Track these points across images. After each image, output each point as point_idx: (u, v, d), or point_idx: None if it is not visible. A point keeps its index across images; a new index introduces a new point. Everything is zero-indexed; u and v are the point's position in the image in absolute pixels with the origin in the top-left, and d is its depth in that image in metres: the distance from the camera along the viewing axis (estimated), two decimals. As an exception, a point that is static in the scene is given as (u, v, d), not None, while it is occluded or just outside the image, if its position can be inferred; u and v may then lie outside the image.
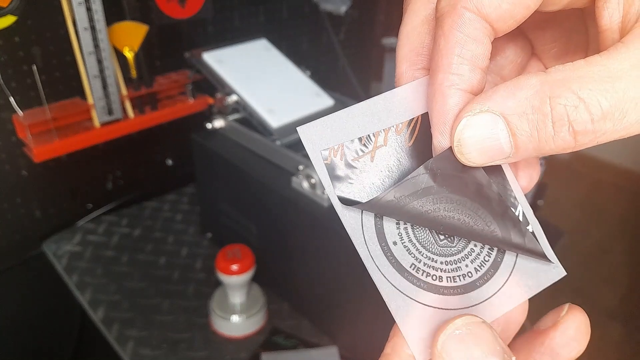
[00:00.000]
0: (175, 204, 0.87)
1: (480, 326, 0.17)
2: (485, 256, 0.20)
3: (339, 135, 0.19)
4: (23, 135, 0.68)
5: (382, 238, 0.19)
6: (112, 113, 0.71)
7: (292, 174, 0.57)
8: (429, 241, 0.19)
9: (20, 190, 0.74)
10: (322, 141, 0.19)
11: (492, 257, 0.20)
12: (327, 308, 0.61)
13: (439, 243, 0.19)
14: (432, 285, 0.19)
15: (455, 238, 0.19)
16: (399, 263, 0.19)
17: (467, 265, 0.19)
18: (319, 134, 0.19)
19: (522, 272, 0.20)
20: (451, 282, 0.19)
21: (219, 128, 0.68)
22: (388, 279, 0.19)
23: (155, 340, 0.61)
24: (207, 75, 0.71)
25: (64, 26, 0.66)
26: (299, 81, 0.75)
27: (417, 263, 0.19)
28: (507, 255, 0.20)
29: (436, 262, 0.19)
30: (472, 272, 0.19)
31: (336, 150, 0.19)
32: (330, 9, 1.00)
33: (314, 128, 0.19)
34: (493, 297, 0.19)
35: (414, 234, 0.19)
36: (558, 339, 0.18)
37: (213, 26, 0.87)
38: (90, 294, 0.67)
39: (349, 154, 0.19)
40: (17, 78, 0.67)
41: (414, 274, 0.19)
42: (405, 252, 0.19)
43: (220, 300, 0.63)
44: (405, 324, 0.19)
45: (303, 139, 0.19)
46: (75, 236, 0.77)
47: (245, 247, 0.61)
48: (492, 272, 0.20)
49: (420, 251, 0.19)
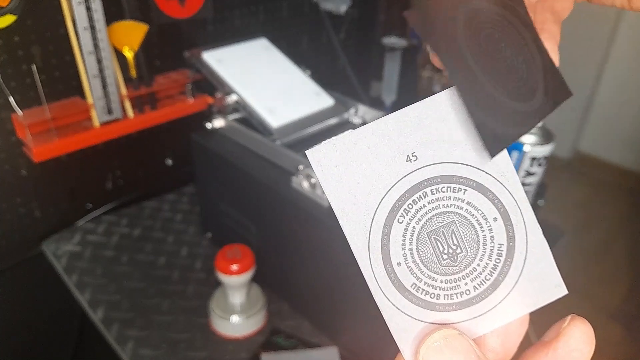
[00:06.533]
0: (175, 204, 0.87)
1: (457, 338, 0.18)
2: (487, 275, 0.20)
3: (348, 157, 0.19)
4: (22, 135, 0.68)
5: (387, 260, 0.19)
6: (112, 113, 0.71)
7: (292, 173, 0.57)
8: (432, 261, 0.20)
9: (20, 190, 0.74)
10: (331, 163, 0.19)
11: (493, 276, 0.20)
12: (326, 308, 0.61)
13: (441, 263, 0.20)
14: (429, 303, 0.20)
15: (458, 257, 0.20)
16: (401, 283, 0.20)
17: (466, 283, 0.20)
18: (328, 156, 0.19)
19: (521, 291, 0.20)
20: (448, 299, 0.20)
21: (218, 128, 0.68)
22: (389, 299, 0.20)
23: (155, 340, 0.61)
24: (206, 74, 0.71)
25: (63, 26, 0.66)
26: (299, 80, 0.75)
27: (418, 282, 0.20)
28: (509, 276, 0.20)
29: (436, 281, 0.20)
30: (470, 290, 0.20)
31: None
32: (330, 8, 1.00)
33: (323, 151, 0.19)
34: (488, 313, 0.20)
35: (419, 254, 0.20)
36: (560, 350, 0.18)
37: (213, 25, 0.87)
38: (90, 294, 0.67)
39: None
40: (17, 77, 0.67)
41: (414, 293, 0.20)
42: (408, 272, 0.20)
43: (220, 300, 0.63)
44: (402, 341, 0.19)
45: (312, 162, 0.19)
46: (75, 236, 0.77)
47: (245, 247, 0.61)
48: (490, 290, 0.20)
49: (423, 271, 0.20)
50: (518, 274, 0.20)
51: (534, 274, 0.20)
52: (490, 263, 0.20)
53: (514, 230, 0.20)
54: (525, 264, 0.20)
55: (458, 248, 0.20)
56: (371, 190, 0.19)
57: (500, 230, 0.20)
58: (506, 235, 0.20)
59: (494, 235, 0.20)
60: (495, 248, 0.20)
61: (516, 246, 0.20)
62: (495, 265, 0.20)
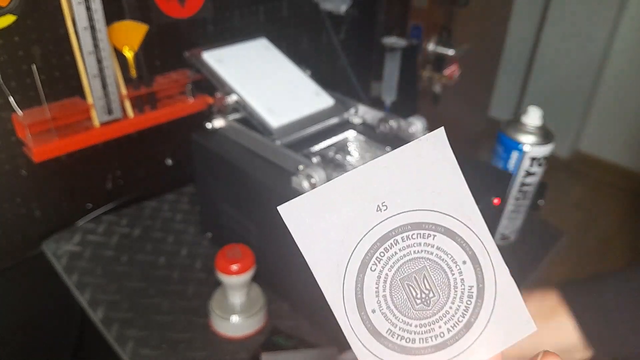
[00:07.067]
0: (175, 204, 0.87)
1: None
2: (459, 317, 0.20)
3: (319, 209, 0.20)
4: (22, 135, 0.68)
5: (361, 307, 0.20)
6: (112, 113, 0.71)
7: (292, 173, 0.57)
8: (405, 306, 0.20)
9: (20, 190, 0.74)
10: (303, 217, 0.19)
11: (465, 317, 0.20)
12: (326, 308, 0.61)
13: (415, 307, 0.20)
14: (404, 347, 0.20)
15: (431, 301, 0.20)
16: (376, 329, 0.20)
17: (440, 326, 0.20)
18: (300, 210, 0.19)
19: (493, 330, 0.21)
20: (423, 342, 0.20)
21: (218, 128, 0.68)
22: (365, 345, 0.20)
23: (155, 340, 0.61)
24: (206, 74, 0.71)
25: (63, 25, 0.66)
26: (299, 80, 0.75)
27: (393, 328, 0.20)
28: (481, 317, 0.20)
29: (410, 326, 0.20)
30: (445, 332, 0.20)
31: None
32: (330, 8, 1.00)
33: (294, 205, 0.19)
34: (463, 354, 0.20)
35: (392, 300, 0.20)
36: None
37: (213, 25, 0.87)
38: (90, 294, 0.67)
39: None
40: (17, 77, 0.67)
41: (389, 339, 0.20)
42: (383, 319, 0.20)
43: (220, 301, 0.63)
44: None
45: (284, 217, 0.19)
46: (75, 236, 0.77)
47: (245, 247, 0.61)
48: (464, 331, 0.20)
49: (397, 316, 0.20)
50: (489, 314, 0.20)
51: (504, 313, 0.20)
52: (462, 305, 0.20)
53: (482, 272, 0.20)
54: (495, 304, 0.20)
55: (430, 292, 0.20)
56: (343, 240, 0.20)
57: (469, 273, 0.20)
58: (475, 277, 0.20)
59: (464, 278, 0.20)
60: (465, 290, 0.20)
61: (486, 287, 0.20)
62: (466, 307, 0.20)
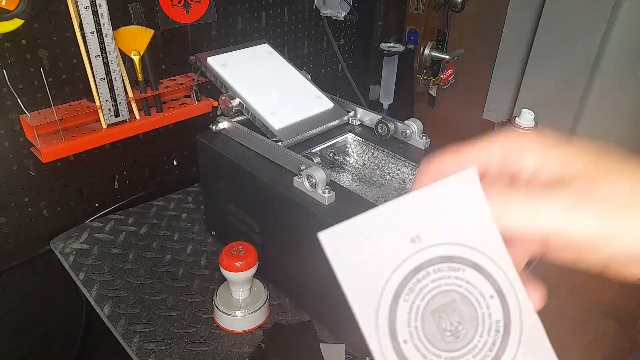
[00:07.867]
0: (180, 203, 0.89)
1: None
2: (487, 351, 0.21)
3: (357, 238, 0.20)
4: (31, 135, 0.69)
5: (394, 337, 0.20)
6: (119, 115, 0.73)
7: (294, 174, 0.59)
8: (436, 338, 0.20)
9: (28, 190, 0.75)
10: (342, 244, 0.20)
11: (493, 352, 0.21)
12: (326, 303, 0.63)
13: (445, 339, 0.21)
14: None
15: (460, 334, 0.21)
16: None
17: (469, 359, 0.21)
18: (339, 237, 0.20)
19: None
20: None
21: (222, 129, 0.70)
22: None
23: (161, 335, 0.62)
24: (211, 78, 0.73)
25: (70, 29, 0.67)
26: (300, 84, 0.77)
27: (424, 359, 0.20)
28: (507, 352, 0.21)
29: (440, 358, 0.21)
30: None
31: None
32: (330, 14, 1.02)
33: (334, 232, 0.20)
34: None
35: (424, 331, 0.20)
36: None
37: (217, 30, 0.89)
38: (97, 291, 0.68)
39: None
40: (25, 80, 0.68)
41: None
42: (415, 350, 0.20)
43: (224, 296, 0.65)
44: None
45: (323, 243, 0.20)
46: (83, 234, 0.79)
47: (248, 245, 0.62)
48: None
49: (428, 348, 0.20)
50: (515, 349, 0.21)
51: (530, 351, 0.21)
52: (490, 339, 0.21)
53: (509, 308, 0.21)
54: (521, 339, 0.21)
55: (460, 325, 0.21)
56: (378, 269, 0.20)
57: (497, 308, 0.21)
58: (502, 312, 0.21)
59: (492, 312, 0.21)
60: (493, 324, 0.21)
61: (512, 323, 0.21)
62: (494, 341, 0.21)
